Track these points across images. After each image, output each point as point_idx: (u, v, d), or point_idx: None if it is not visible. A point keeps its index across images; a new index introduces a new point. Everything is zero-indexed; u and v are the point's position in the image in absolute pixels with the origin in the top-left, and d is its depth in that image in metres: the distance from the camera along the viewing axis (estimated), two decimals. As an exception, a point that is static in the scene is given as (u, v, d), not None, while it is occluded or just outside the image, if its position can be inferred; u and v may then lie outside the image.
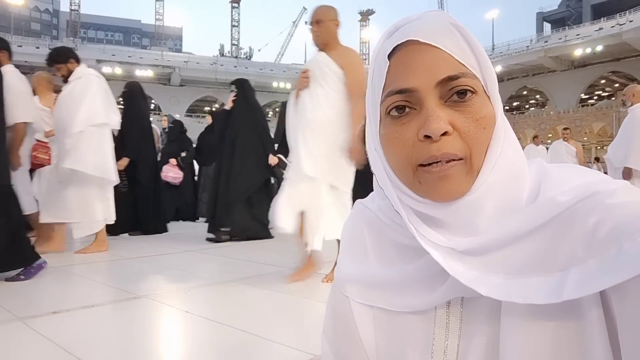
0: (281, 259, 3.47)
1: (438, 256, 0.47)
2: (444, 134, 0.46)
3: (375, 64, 0.52)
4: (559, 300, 0.40)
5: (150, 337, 1.84)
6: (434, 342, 0.52)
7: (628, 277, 0.37)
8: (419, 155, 0.48)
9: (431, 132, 0.46)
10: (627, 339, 0.39)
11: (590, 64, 32.80)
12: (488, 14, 44.45)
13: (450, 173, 0.47)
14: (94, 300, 2.23)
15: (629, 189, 0.44)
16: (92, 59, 35.09)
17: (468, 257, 0.47)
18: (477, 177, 0.48)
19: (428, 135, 0.46)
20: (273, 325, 1.94)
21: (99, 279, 2.78)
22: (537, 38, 39.10)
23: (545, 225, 0.44)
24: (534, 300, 0.42)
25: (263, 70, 40.62)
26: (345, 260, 0.62)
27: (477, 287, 0.45)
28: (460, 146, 0.47)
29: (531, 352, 0.43)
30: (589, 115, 28.21)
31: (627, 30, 28.53)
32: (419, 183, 0.49)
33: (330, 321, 0.64)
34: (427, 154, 0.47)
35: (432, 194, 0.48)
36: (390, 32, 0.52)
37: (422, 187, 0.49)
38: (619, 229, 0.40)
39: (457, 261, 0.47)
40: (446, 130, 0.46)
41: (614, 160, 4.32)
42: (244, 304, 2.31)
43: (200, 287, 2.59)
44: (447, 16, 0.50)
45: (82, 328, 1.87)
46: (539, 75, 35.06)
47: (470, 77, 0.48)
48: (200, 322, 1.97)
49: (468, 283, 0.45)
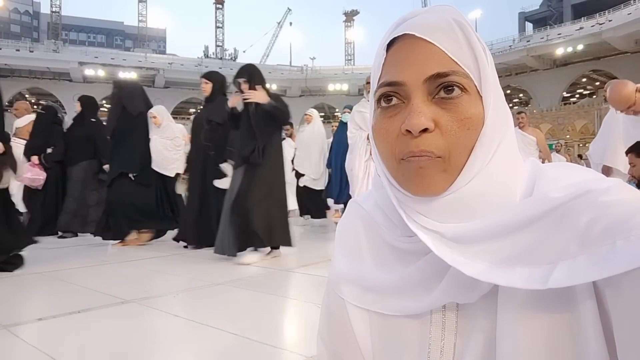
0: (270, 260, 3.46)
1: (427, 239, 0.47)
2: (424, 130, 0.46)
3: (376, 55, 0.53)
4: (544, 287, 0.40)
5: (139, 342, 1.82)
6: (430, 342, 0.52)
7: (619, 271, 0.37)
8: (400, 149, 0.48)
9: (411, 127, 0.46)
10: (621, 334, 0.39)
11: (571, 62, 33.35)
12: (471, 14, 44.92)
13: (425, 166, 0.47)
14: (80, 306, 2.20)
15: (623, 187, 0.44)
16: (75, 61, 34.62)
17: (455, 245, 0.47)
18: (457, 177, 0.47)
19: (409, 130, 0.47)
20: (265, 328, 1.93)
21: (84, 283, 2.74)
22: (519, 37, 39.51)
23: (536, 219, 0.44)
24: (517, 285, 0.42)
25: (248, 71, 40.42)
26: (340, 260, 0.61)
27: (463, 268, 0.45)
28: (440, 144, 0.47)
29: (527, 346, 0.44)
30: (571, 113, 28.62)
31: (607, 29, 29.08)
32: (401, 175, 0.50)
33: (325, 322, 0.63)
34: (407, 148, 0.47)
35: (410, 187, 0.49)
36: (397, 24, 0.52)
37: (403, 180, 0.49)
38: (612, 227, 0.40)
39: (445, 247, 0.47)
40: (427, 127, 0.46)
41: (594, 156, 4.41)
42: (235, 306, 2.30)
43: (189, 291, 2.56)
44: (453, 12, 0.50)
45: (68, 335, 1.84)
46: (522, 74, 35.53)
47: (461, 75, 0.47)
48: (190, 326, 1.95)
49: (455, 264, 0.45)
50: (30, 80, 34.40)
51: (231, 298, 2.43)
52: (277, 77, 39.59)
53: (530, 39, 36.78)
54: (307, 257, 3.66)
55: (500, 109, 0.49)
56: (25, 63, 33.36)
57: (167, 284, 2.74)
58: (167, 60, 41.56)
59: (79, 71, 34.68)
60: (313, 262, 3.41)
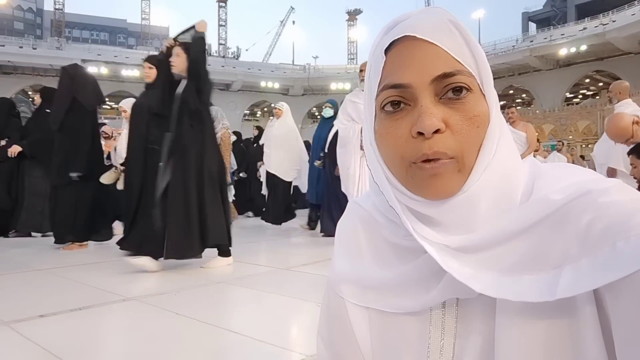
0: (271, 259, 3.46)
1: (433, 251, 0.47)
2: (436, 131, 0.46)
3: (373, 59, 0.52)
4: (553, 299, 0.41)
5: (140, 340, 1.82)
6: (429, 342, 0.52)
7: (621, 275, 0.37)
8: (411, 152, 0.47)
9: (424, 129, 0.46)
10: (621, 337, 0.39)
11: (574, 63, 33.18)
12: (474, 14, 44.81)
13: (441, 171, 0.46)
14: (82, 303, 2.20)
15: (622, 187, 0.44)
16: (78, 59, 34.51)
17: (462, 254, 0.47)
18: (469, 176, 0.47)
19: (421, 132, 0.46)
20: (264, 326, 1.93)
21: (85, 281, 2.75)
22: (522, 38, 39.37)
23: (539, 223, 0.44)
24: (527, 298, 0.42)
25: (251, 69, 40.33)
26: (340, 260, 0.61)
27: (471, 284, 0.45)
28: (452, 144, 0.46)
29: (525, 350, 0.44)
30: (574, 114, 28.50)
31: (610, 30, 28.92)
32: (411, 179, 0.49)
33: (325, 321, 0.63)
34: (419, 151, 0.47)
35: (423, 192, 0.48)
36: (389, 27, 0.52)
37: (414, 184, 0.49)
38: (612, 228, 0.40)
39: (451, 258, 0.47)
40: (439, 128, 0.46)
41: (598, 157, 4.41)
42: (235, 305, 2.30)
43: (190, 289, 2.57)
44: (446, 13, 0.50)
45: (70, 332, 1.84)
46: (525, 74, 35.38)
47: (466, 74, 0.48)
48: (191, 324, 1.95)
49: (462, 279, 0.45)
50: (34, 78, 34.40)
51: (231, 296, 2.43)
52: (279, 75, 39.56)
53: (534, 39, 36.62)
54: (307, 256, 3.67)
55: (496, 104, 0.50)
56: (29, 60, 33.35)
57: (168, 282, 2.74)
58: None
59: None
60: (313, 261, 3.42)
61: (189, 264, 3.27)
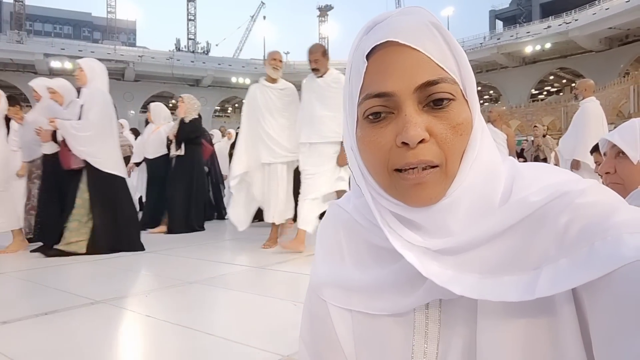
0: (244, 258, 3.43)
1: (412, 257, 0.47)
2: (421, 141, 0.46)
3: (353, 61, 0.51)
4: (532, 298, 0.41)
5: (110, 345, 1.77)
6: (414, 342, 0.52)
7: (598, 275, 0.38)
8: (395, 161, 0.47)
9: (408, 139, 0.45)
10: (598, 335, 0.40)
11: (539, 60, 34.20)
12: (443, 11, 45.39)
13: (426, 180, 0.46)
14: (48, 308, 2.13)
15: (598, 188, 0.45)
16: (40, 53, 33.42)
17: (442, 257, 0.47)
18: (452, 183, 0.48)
19: (405, 142, 0.46)
20: (239, 327, 1.91)
21: (51, 284, 2.65)
22: (490, 35, 40.30)
23: (518, 225, 0.45)
24: (507, 298, 0.43)
25: (221, 65, 39.82)
26: (321, 263, 0.61)
27: (452, 287, 0.45)
28: (437, 153, 0.47)
29: (506, 350, 0.44)
30: (539, 110, 29.38)
31: (573, 28, 29.94)
32: (394, 187, 0.49)
33: (307, 324, 0.63)
34: (404, 160, 0.46)
35: (406, 199, 0.48)
36: (368, 27, 0.51)
37: (397, 192, 0.49)
38: (589, 228, 0.41)
39: (432, 260, 0.47)
40: (423, 138, 0.46)
41: (564, 152, 4.54)
42: (209, 305, 2.27)
43: (161, 290, 2.51)
44: (427, 14, 0.49)
45: (35, 338, 1.78)
46: (493, 71, 36.23)
47: (449, 82, 0.47)
48: (163, 326, 1.91)
49: (442, 283, 0.45)
50: (-7, 72, 33.10)
51: (205, 297, 2.40)
52: (250, 71, 39.16)
53: (501, 36, 37.53)
54: (281, 254, 3.64)
55: (478, 108, 0.50)
56: (-13, 54, 32.09)
57: (138, 283, 2.68)
58: (138, 53, 40.47)
59: (44, 63, 33.50)
60: (288, 259, 3.40)
61: (163, 264, 3.20)
